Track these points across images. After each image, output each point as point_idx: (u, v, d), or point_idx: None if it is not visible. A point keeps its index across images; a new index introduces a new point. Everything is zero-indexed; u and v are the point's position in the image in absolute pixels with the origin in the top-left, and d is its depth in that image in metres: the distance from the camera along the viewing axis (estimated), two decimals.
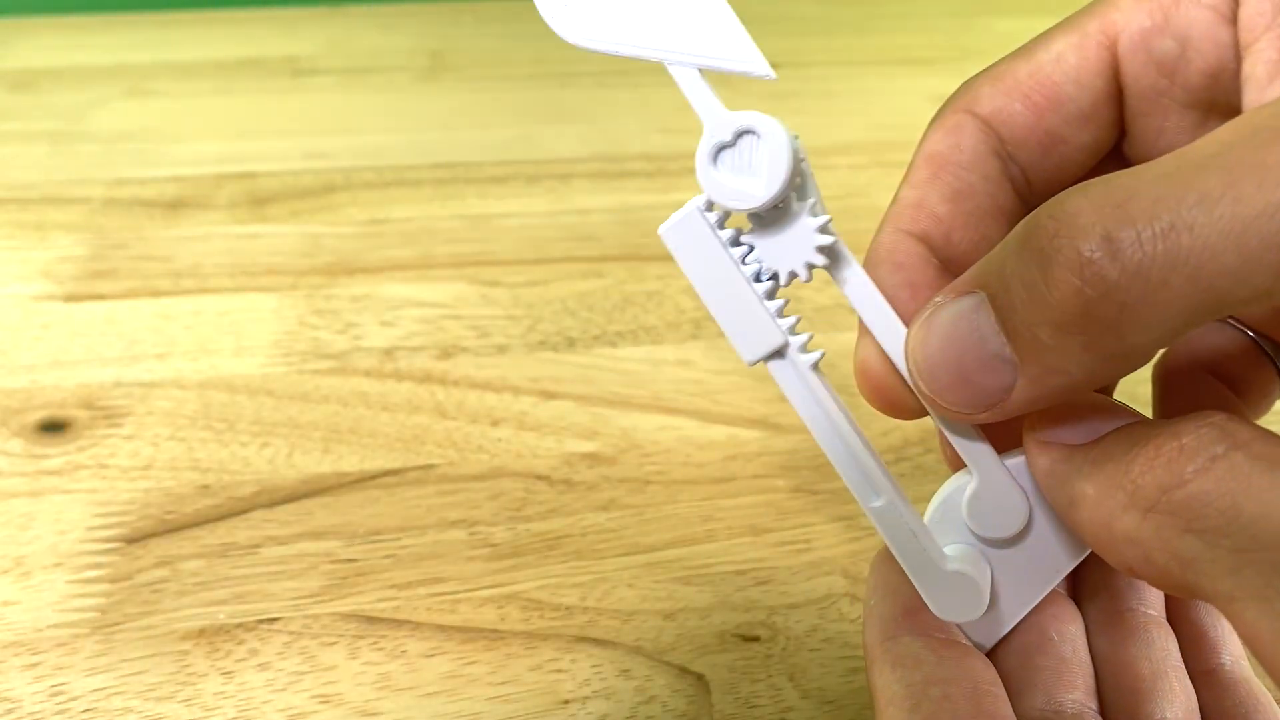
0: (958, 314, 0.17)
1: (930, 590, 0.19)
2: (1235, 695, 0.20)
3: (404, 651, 0.26)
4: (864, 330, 0.20)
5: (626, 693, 0.25)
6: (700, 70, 0.20)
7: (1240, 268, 0.14)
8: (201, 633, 0.26)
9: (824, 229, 0.19)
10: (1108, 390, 0.23)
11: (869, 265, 0.20)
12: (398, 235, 0.45)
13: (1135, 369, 0.16)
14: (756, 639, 0.26)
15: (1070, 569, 0.20)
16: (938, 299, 0.18)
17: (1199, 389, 0.22)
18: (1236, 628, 0.14)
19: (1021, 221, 0.16)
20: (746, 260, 0.19)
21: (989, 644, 0.20)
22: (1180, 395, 0.22)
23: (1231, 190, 0.14)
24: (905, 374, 0.19)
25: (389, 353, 0.37)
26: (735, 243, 0.19)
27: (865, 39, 0.70)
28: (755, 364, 0.20)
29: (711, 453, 0.32)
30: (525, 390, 0.35)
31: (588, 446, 0.33)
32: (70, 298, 0.40)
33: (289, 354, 0.37)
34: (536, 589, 0.28)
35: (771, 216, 0.19)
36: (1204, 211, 0.14)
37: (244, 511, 0.30)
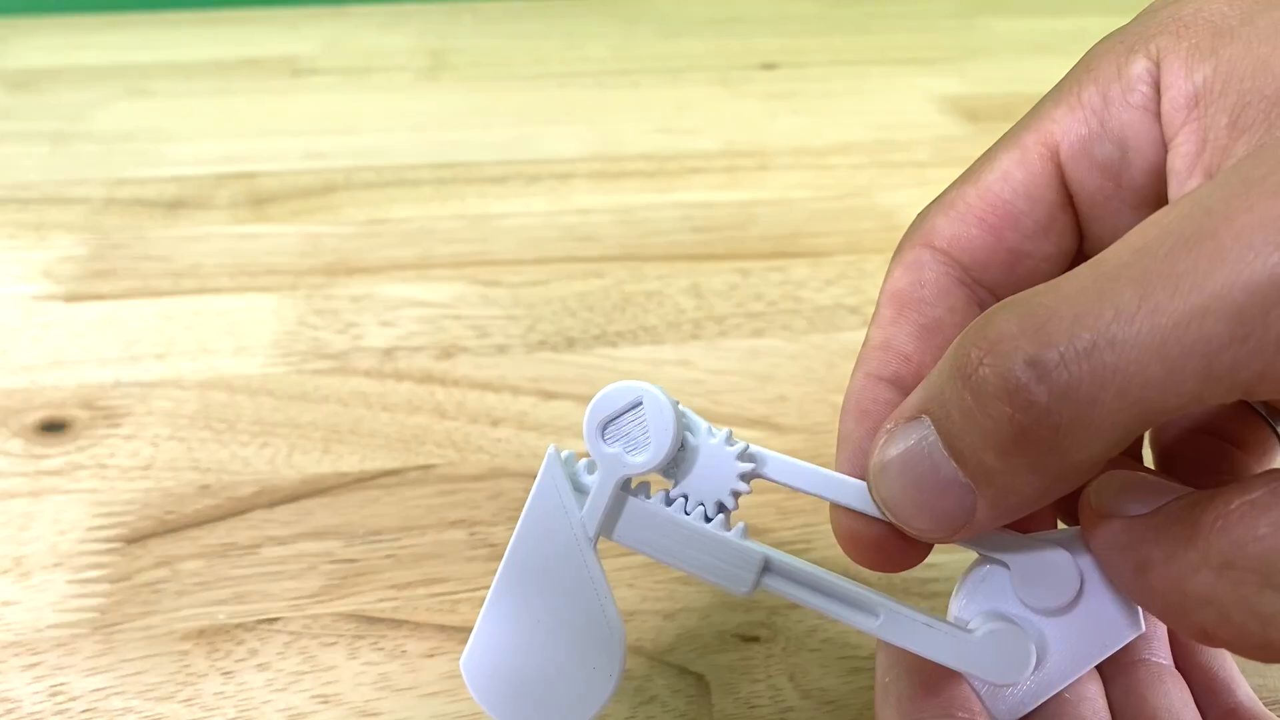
0: (908, 443, 0.17)
1: (974, 665, 0.19)
2: None
3: (404, 652, 0.26)
4: (832, 506, 0.20)
5: (626, 693, 0.25)
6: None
7: (1166, 378, 0.14)
8: (201, 633, 0.26)
9: (741, 455, 0.20)
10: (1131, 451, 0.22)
11: (841, 413, 0.21)
12: (398, 235, 0.45)
13: (1090, 477, 0.17)
14: (756, 639, 0.26)
15: (1122, 644, 0.19)
16: (888, 424, 0.18)
17: (1201, 449, 0.22)
18: None
19: (952, 345, 0.17)
20: (689, 510, 0.20)
21: (1016, 717, 0.20)
22: (1183, 458, 0.22)
23: (1146, 302, 0.14)
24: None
25: (389, 353, 0.37)
26: (669, 501, 0.20)
27: (865, 39, 0.70)
28: (752, 592, 0.20)
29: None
30: (525, 390, 0.35)
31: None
32: (70, 298, 0.40)
33: (289, 354, 0.37)
34: None
35: (678, 463, 0.20)
36: (1122, 326, 0.14)
37: (244, 511, 0.30)
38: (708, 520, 0.20)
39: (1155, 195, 0.19)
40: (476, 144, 0.54)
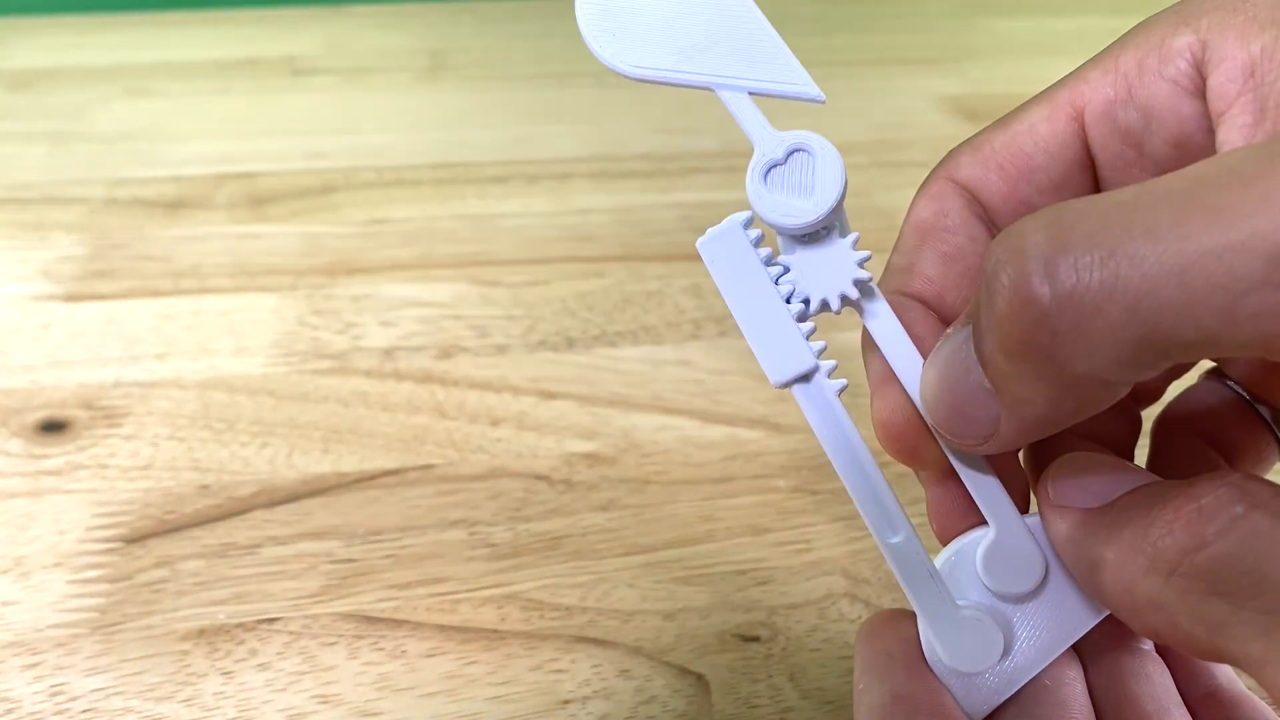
0: (952, 346, 0.17)
1: (944, 636, 0.19)
2: (1241, 712, 0.20)
3: (404, 651, 0.26)
4: (879, 382, 0.20)
5: (626, 693, 0.25)
6: (750, 95, 0.19)
7: (1183, 305, 0.13)
8: (201, 633, 0.26)
9: (863, 263, 0.19)
10: (1124, 444, 0.22)
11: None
12: (398, 235, 0.45)
13: (1103, 405, 0.16)
14: (756, 639, 0.26)
15: (1085, 631, 0.19)
16: (948, 330, 0.18)
17: (1191, 453, 0.22)
18: (1270, 691, 0.14)
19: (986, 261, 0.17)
20: (780, 281, 0.19)
21: (986, 710, 0.20)
22: (1171, 458, 0.22)
23: (1180, 227, 0.14)
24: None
25: (389, 353, 0.37)
26: (770, 262, 0.19)
27: (865, 39, 0.70)
28: (783, 387, 0.19)
29: (711, 453, 0.32)
30: (525, 390, 0.35)
31: (588, 446, 0.33)
32: (70, 298, 0.40)
33: (289, 354, 0.37)
34: (536, 589, 0.28)
35: (812, 241, 0.19)
36: (1149, 244, 0.14)
37: (244, 511, 0.30)
38: (789, 302, 0.19)
39: (1175, 167, 0.19)
40: (477, 144, 0.54)
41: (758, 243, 0.19)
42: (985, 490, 0.19)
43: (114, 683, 0.25)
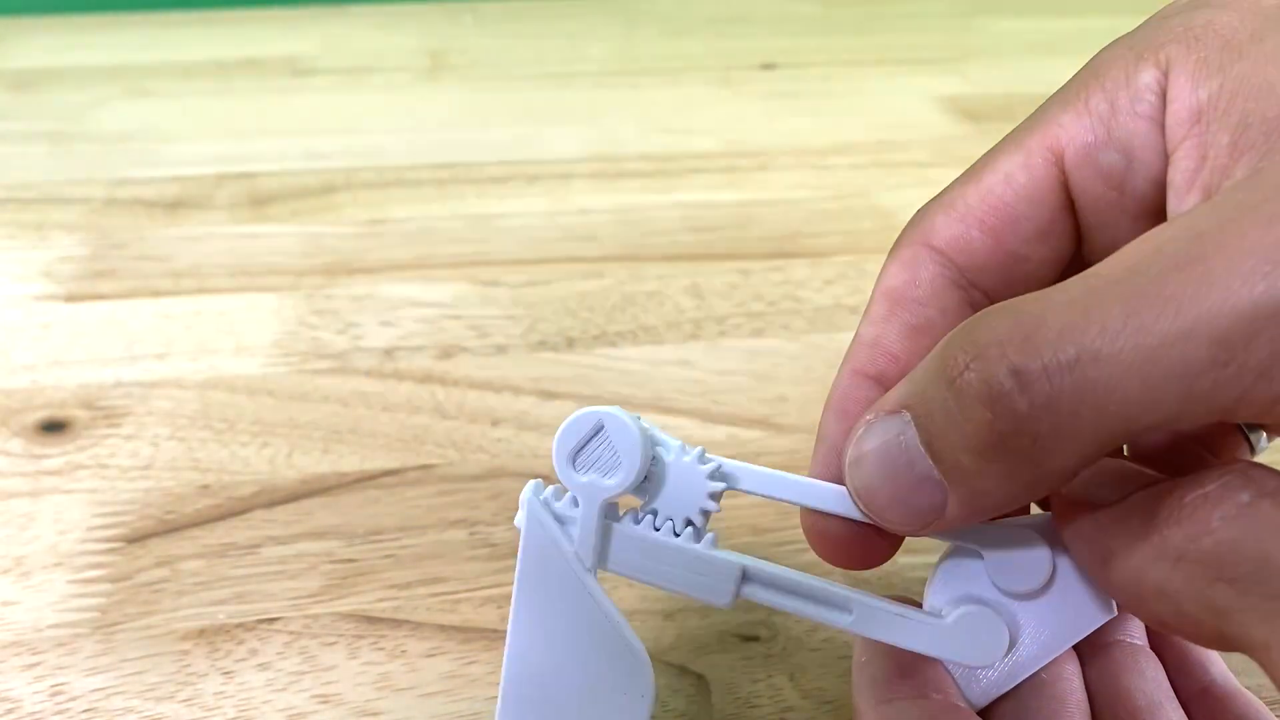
0: (887, 437, 0.17)
1: (949, 650, 0.19)
2: (1234, 708, 0.20)
3: (404, 651, 0.26)
4: (802, 508, 0.20)
5: None
6: None
7: (1145, 397, 0.14)
8: (201, 632, 0.26)
9: (713, 474, 0.20)
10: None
11: (824, 409, 0.21)
12: (398, 235, 0.45)
13: (1063, 485, 0.17)
14: (756, 639, 0.26)
15: (1091, 629, 0.20)
16: (868, 416, 0.18)
17: (1176, 451, 0.22)
18: (1273, 676, 0.14)
19: (939, 344, 0.17)
20: (658, 526, 0.20)
21: (985, 701, 0.20)
22: (1157, 460, 0.22)
23: (1132, 320, 0.14)
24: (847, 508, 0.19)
25: (389, 353, 0.37)
26: (638, 520, 0.20)
27: (865, 39, 0.70)
28: (734, 603, 0.20)
29: (711, 452, 0.32)
30: (525, 390, 0.35)
31: None
32: (70, 298, 0.40)
33: (289, 354, 0.37)
34: None
35: (651, 479, 0.20)
36: (1106, 342, 0.14)
37: (244, 511, 0.30)
38: (677, 535, 0.20)
39: (1157, 205, 0.19)
40: (477, 144, 0.54)
41: (619, 516, 0.20)
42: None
43: (114, 682, 0.25)
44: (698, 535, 0.20)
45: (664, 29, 0.72)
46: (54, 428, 0.33)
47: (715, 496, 0.20)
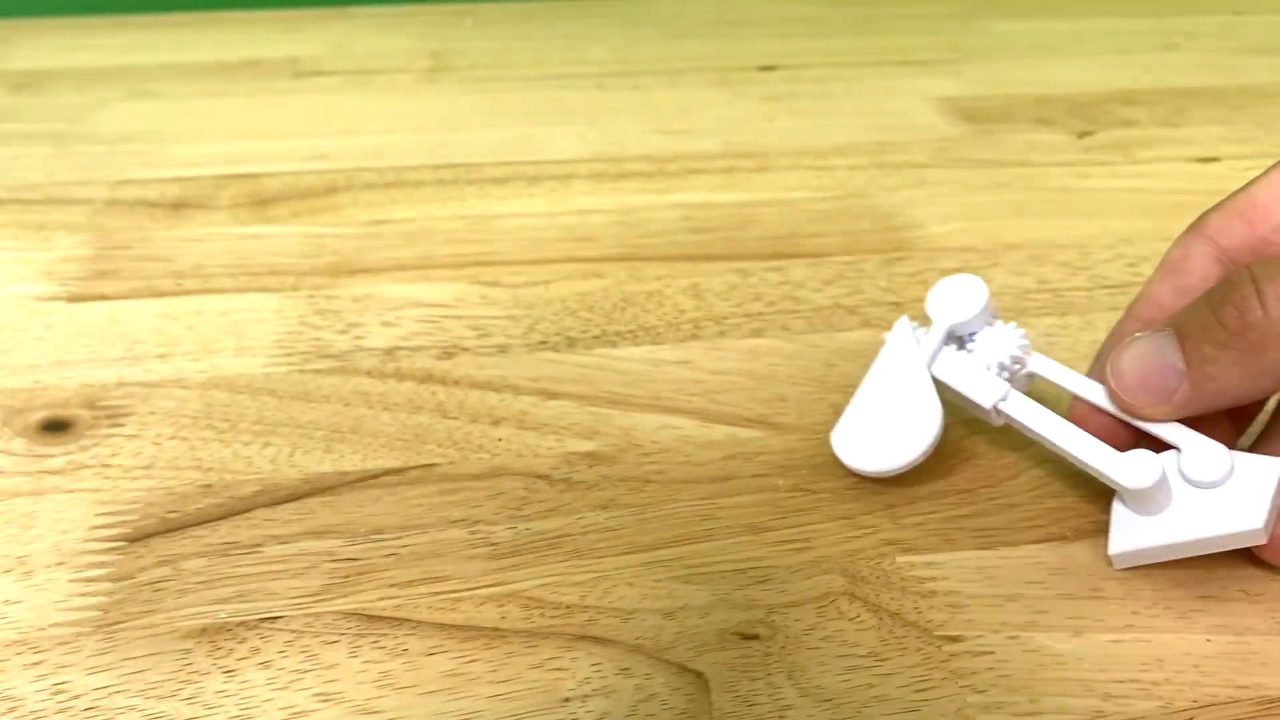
0: (1150, 341, 0.26)
1: (1112, 467, 0.26)
2: None
3: (405, 650, 0.26)
4: (1074, 398, 0.29)
5: (626, 691, 0.25)
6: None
7: None
8: (203, 631, 0.27)
9: (1021, 349, 0.30)
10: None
11: (1106, 338, 0.30)
12: (399, 236, 0.45)
13: (1256, 397, 0.25)
14: (756, 637, 0.27)
15: (1236, 532, 0.25)
16: (1137, 334, 0.26)
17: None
18: None
19: (1218, 281, 0.25)
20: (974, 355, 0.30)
21: (1128, 548, 0.27)
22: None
23: None
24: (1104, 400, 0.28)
25: (390, 353, 0.37)
26: (961, 347, 0.31)
27: (864, 40, 0.70)
28: (994, 405, 0.29)
29: (711, 452, 0.32)
30: (525, 390, 0.35)
31: (588, 446, 0.33)
32: (73, 298, 0.40)
33: (291, 354, 0.37)
34: (537, 588, 0.28)
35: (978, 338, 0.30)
36: None
37: (246, 511, 0.30)
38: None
39: None
40: (477, 145, 0.54)
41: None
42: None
43: (116, 681, 0.25)
44: (1000, 372, 0.29)
45: (663, 31, 0.72)
46: (56, 427, 0.34)
47: (1015, 357, 0.29)
